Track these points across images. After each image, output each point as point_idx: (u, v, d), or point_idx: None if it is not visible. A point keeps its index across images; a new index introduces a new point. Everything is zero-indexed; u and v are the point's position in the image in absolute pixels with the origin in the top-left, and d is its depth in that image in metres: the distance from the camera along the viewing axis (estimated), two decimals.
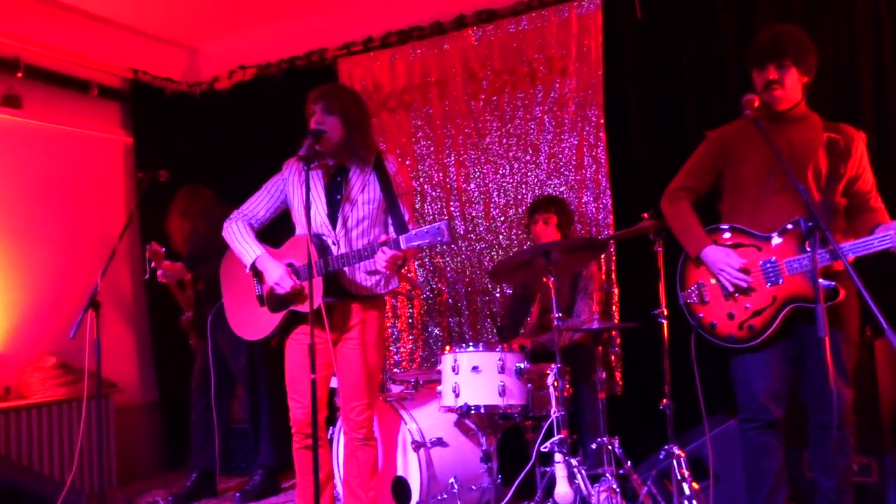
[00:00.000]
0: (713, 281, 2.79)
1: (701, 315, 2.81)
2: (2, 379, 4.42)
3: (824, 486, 2.67)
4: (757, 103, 2.61)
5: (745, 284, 2.70)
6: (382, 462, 3.42)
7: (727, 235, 2.82)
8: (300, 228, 3.08)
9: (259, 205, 3.13)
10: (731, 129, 2.93)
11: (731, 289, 2.73)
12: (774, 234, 2.70)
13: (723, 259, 2.74)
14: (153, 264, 4.21)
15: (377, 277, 3.01)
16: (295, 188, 3.06)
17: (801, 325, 2.69)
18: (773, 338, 2.69)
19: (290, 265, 2.96)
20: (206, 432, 4.30)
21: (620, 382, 4.19)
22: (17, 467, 4.01)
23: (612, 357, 4.23)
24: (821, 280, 2.50)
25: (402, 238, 2.72)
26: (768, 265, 2.69)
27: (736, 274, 2.71)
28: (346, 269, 2.94)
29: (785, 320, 2.66)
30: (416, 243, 2.69)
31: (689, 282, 2.87)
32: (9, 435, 4.18)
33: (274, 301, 3.02)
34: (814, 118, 2.76)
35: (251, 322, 3.11)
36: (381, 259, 2.74)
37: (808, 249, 2.57)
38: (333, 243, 2.95)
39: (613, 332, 4.22)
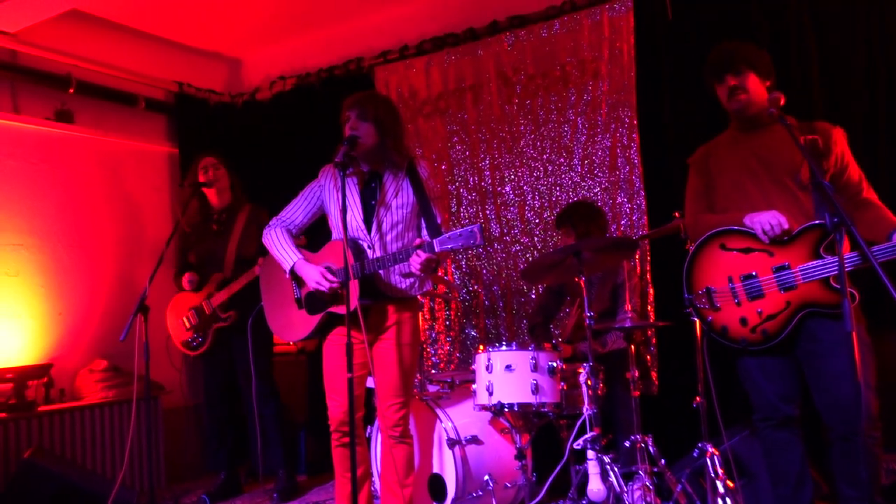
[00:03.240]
0: (726, 286, 2.75)
1: (711, 319, 2.78)
2: (57, 382, 4.60)
3: (846, 493, 2.62)
4: (783, 101, 2.64)
5: (779, 232, 2.60)
6: (419, 460, 3.49)
7: (737, 238, 2.76)
8: (336, 233, 3.18)
9: (297, 211, 3.24)
10: (704, 149, 3.02)
11: (765, 239, 2.64)
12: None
13: (765, 213, 2.66)
14: None
15: (411, 280, 3.09)
16: (331, 193, 3.16)
17: (811, 325, 2.64)
18: (781, 341, 2.66)
19: (327, 268, 3.06)
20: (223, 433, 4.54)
21: (656, 382, 4.19)
22: (73, 465, 4.17)
23: (648, 357, 4.23)
24: (838, 286, 2.50)
25: (435, 242, 2.79)
26: (782, 272, 2.65)
27: (775, 224, 2.61)
28: (381, 271, 3.02)
29: (797, 324, 2.64)
30: (448, 247, 2.76)
31: (697, 284, 2.82)
32: (63, 435, 4.36)
33: (312, 303, 3.12)
34: (788, 121, 2.75)
35: (289, 324, 3.22)
36: (416, 262, 2.82)
37: (823, 255, 2.57)
38: (369, 247, 3.04)
39: (649, 332, 4.22)
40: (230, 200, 4.50)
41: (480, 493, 3.38)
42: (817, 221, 2.62)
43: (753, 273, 2.70)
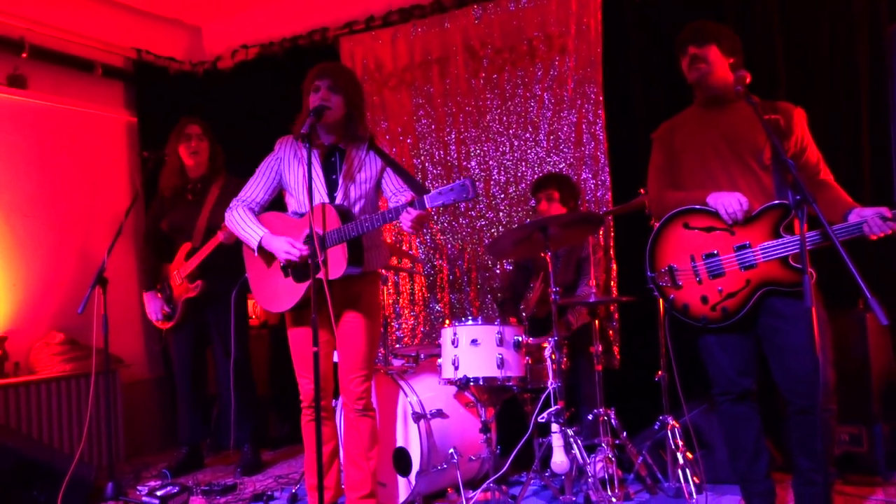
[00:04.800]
0: (689, 265, 2.78)
1: (672, 297, 2.80)
2: (11, 355, 4.50)
3: (802, 465, 2.69)
4: (749, 79, 2.66)
5: (741, 216, 2.66)
6: (384, 433, 3.49)
7: (699, 217, 2.79)
8: (296, 206, 3.12)
9: (256, 188, 3.15)
10: (668, 124, 3.03)
11: (728, 221, 2.69)
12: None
13: (728, 195, 2.70)
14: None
15: (373, 252, 3.06)
16: (290, 165, 3.10)
17: (771, 302, 2.68)
18: (740, 318, 2.71)
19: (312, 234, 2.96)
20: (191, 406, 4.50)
21: (618, 356, 4.26)
22: (29, 440, 4.09)
23: (611, 332, 4.29)
24: (796, 265, 2.56)
25: (425, 198, 2.70)
26: (742, 251, 2.69)
27: (737, 208, 2.66)
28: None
29: (756, 302, 2.68)
30: (440, 202, 2.67)
31: (660, 263, 2.84)
32: (19, 409, 4.26)
33: (298, 271, 3.03)
34: (753, 99, 2.78)
35: (276, 295, 3.10)
36: (406, 219, 2.74)
37: (783, 234, 2.62)
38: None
39: (612, 307, 4.27)
40: (207, 170, 4.42)
41: (445, 465, 3.41)
42: (778, 201, 2.66)
43: (715, 252, 2.73)
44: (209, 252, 4.19)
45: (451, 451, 3.39)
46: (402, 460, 3.45)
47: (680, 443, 3.28)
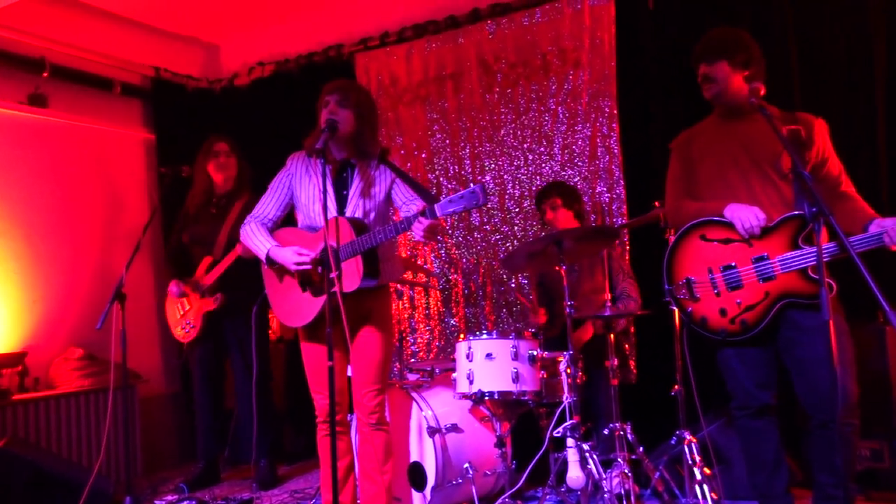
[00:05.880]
0: (707, 277, 2.76)
1: (691, 309, 2.79)
2: (31, 370, 4.53)
3: (823, 480, 2.66)
4: (763, 91, 2.65)
5: (757, 231, 2.64)
6: (399, 448, 3.49)
7: (717, 229, 2.78)
8: (306, 221, 3.14)
9: (269, 205, 3.19)
10: (686, 134, 3.02)
11: (745, 235, 2.67)
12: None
13: (745, 209, 2.69)
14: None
15: (387, 265, 3.07)
16: (301, 181, 3.12)
17: (791, 314, 2.66)
18: (760, 331, 2.69)
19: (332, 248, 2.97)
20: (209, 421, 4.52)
21: (634, 370, 4.23)
22: (49, 454, 4.12)
23: (626, 345, 4.26)
24: (816, 276, 2.53)
25: (436, 207, 2.70)
26: (761, 262, 2.67)
27: (754, 223, 2.64)
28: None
29: (776, 314, 2.66)
30: (451, 210, 2.68)
31: (678, 275, 2.83)
32: (38, 424, 4.30)
33: (315, 285, 3.04)
34: (771, 111, 2.74)
35: (295, 309, 3.12)
36: (419, 229, 2.75)
37: (802, 245, 2.60)
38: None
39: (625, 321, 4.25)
40: (233, 186, 4.50)
41: (460, 480, 3.39)
42: (796, 212, 2.64)
43: (733, 264, 2.71)
44: (228, 265, 4.23)
45: (467, 465, 3.38)
46: (417, 475, 3.44)
47: (697, 458, 3.24)
